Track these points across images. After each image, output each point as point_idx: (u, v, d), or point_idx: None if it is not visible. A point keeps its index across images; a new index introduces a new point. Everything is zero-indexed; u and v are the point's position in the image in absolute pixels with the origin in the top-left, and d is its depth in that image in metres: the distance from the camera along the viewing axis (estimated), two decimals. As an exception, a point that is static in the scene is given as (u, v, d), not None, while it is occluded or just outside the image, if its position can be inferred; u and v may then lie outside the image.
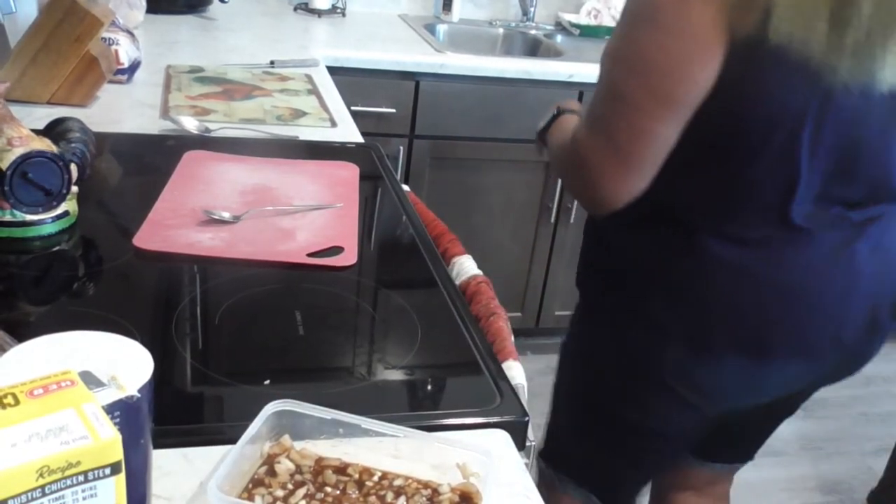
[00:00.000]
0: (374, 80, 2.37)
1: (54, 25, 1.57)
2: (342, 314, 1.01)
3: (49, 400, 0.46)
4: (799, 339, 1.16)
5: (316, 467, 0.71)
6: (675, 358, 1.17)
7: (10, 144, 1.04)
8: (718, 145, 1.07)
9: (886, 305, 1.20)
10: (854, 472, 2.57)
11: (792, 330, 1.14)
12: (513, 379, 0.90)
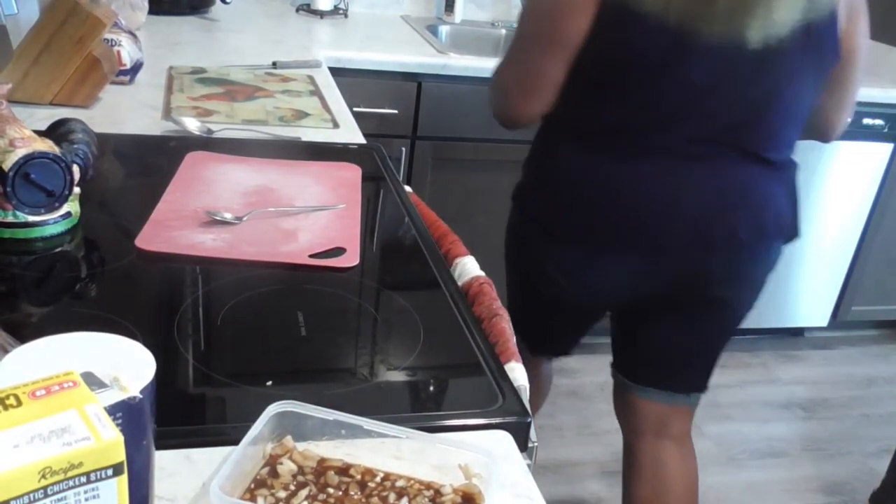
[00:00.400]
0: (376, 82, 2.37)
1: (56, 27, 1.57)
2: (344, 315, 1.01)
3: (51, 401, 0.46)
4: (623, 239, 1.44)
5: (318, 468, 0.71)
6: (538, 243, 1.54)
7: (12, 145, 1.04)
8: (593, 80, 1.38)
9: (717, 230, 1.43)
10: (856, 474, 2.56)
11: (618, 230, 1.43)
12: (515, 380, 0.90)
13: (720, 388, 2.93)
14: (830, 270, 3.08)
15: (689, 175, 1.40)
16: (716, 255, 1.46)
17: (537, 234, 1.53)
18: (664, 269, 1.48)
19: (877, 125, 2.80)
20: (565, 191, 1.47)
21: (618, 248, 1.45)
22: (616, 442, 2.57)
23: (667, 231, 1.42)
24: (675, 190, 1.40)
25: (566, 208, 1.47)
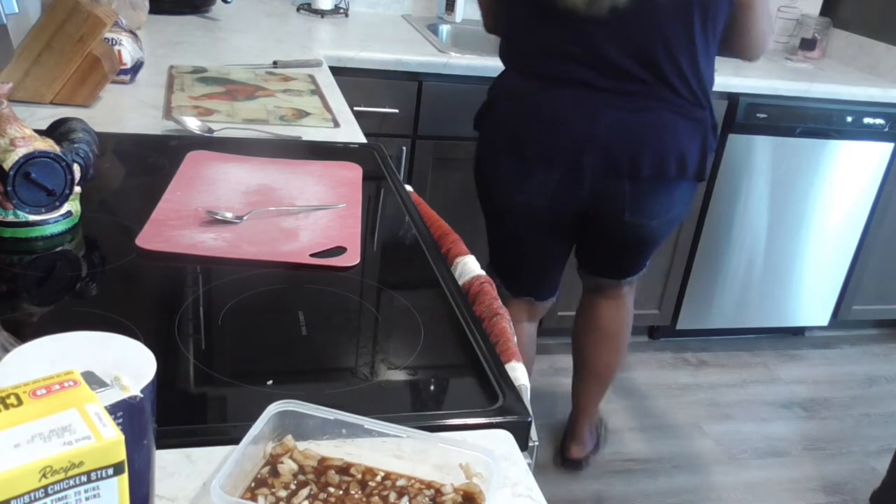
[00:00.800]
0: (376, 81, 2.37)
1: (57, 26, 1.57)
2: (345, 314, 1.01)
3: (52, 400, 0.46)
4: (548, 154, 1.74)
5: (319, 467, 0.71)
6: (482, 157, 1.87)
7: (13, 145, 1.04)
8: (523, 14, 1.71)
9: (623, 163, 1.71)
10: (857, 473, 2.56)
11: (540, 145, 1.74)
12: (516, 380, 0.90)
13: (720, 387, 2.93)
14: (831, 270, 3.08)
15: (605, 107, 1.68)
16: (623, 182, 1.75)
17: (487, 149, 1.87)
18: (583, 187, 1.77)
19: (877, 124, 2.80)
20: (504, 108, 1.80)
21: (544, 162, 1.75)
22: (615, 441, 2.57)
23: (582, 152, 1.71)
24: (591, 118, 1.69)
25: (504, 123, 1.79)
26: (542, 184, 1.79)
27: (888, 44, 2.94)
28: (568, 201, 1.82)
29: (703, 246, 2.89)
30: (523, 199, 1.84)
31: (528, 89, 1.75)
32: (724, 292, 3.00)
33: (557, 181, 1.77)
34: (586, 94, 1.69)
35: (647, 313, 3.00)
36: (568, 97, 1.70)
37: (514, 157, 1.78)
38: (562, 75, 1.69)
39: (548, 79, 1.71)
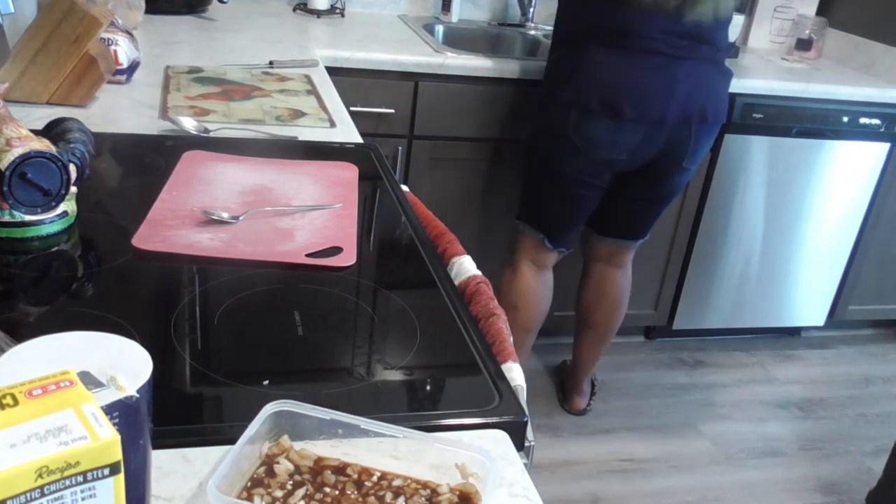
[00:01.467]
0: (373, 81, 2.37)
1: (53, 26, 1.57)
2: (341, 315, 1.01)
3: (48, 400, 0.46)
4: (639, 112, 2.05)
5: (315, 467, 0.71)
6: (571, 121, 2.10)
7: (9, 145, 1.04)
8: None
9: (696, 113, 2.10)
10: (853, 473, 2.57)
11: (635, 105, 2.04)
12: (512, 380, 0.90)
13: (717, 387, 2.94)
14: (827, 270, 3.08)
15: (677, 69, 2.04)
16: (690, 129, 2.11)
17: (574, 114, 2.09)
18: (661, 136, 2.10)
19: (873, 124, 2.81)
20: (596, 78, 2.05)
21: (635, 119, 2.05)
22: (614, 441, 2.58)
23: (665, 108, 2.05)
24: (669, 79, 2.04)
25: (597, 89, 2.05)
26: (629, 139, 2.09)
27: (884, 44, 2.94)
28: (644, 153, 2.13)
29: (699, 246, 2.89)
30: (607, 154, 2.12)
31: (615, 60, 2.04)
32: (720, 292, 3.01)
33: (643, 135, 2.09)
34: (664, 60, 2.02)
35: (644, 313, 3.00)
36: (651, 64, 2.03)
37: (608, 118, 2.06)
38: (643, 46, 2.01)
39: (632, 49, 2.02)
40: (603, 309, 2.53)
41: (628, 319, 3.02)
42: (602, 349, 2.62)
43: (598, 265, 2.49)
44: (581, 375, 2.66)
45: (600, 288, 2.50)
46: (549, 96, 2.17)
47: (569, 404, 2.69)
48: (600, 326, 2.55)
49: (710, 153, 2.64)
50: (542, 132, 2.23)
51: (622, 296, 2.52)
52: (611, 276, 2.49)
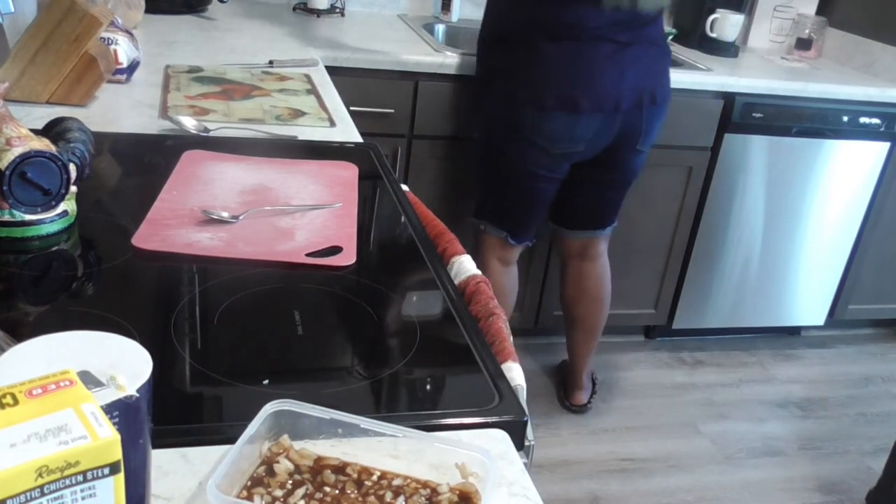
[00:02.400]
0: (373, 80, 2.37)
1: (53, 25, 1.57)
2: (341, 314, 1.01)
3: (48, 400, 0.46)
4: (594, 102, 2.07)
5: (315, 467, 0.71)
6: (528, 118, 2.11)
7: (8, 144, 1.04)
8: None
9: (647, 96, 2.12)
10: (853, 473, 2.57)
11: (590, 96, 2.06)
12: (512, 380, 0.90)
13: (717, 386, 2.94)
14: (827, 269, 3.08)
15: (625, 55, 2.06)
16: (643, 113, 2.15)
17: (529, 111, 2.10)
18: (616, 123, 2.13)
19: (873, 124, 2.81)
20: (551, 72, 2.06)
21: (591, 110, 2.08)
22: (614, 441, 2.58)
23: (618, 95, 2.08)
24: (619, 66, 2.07)
25: (555, 85, 2.06)
26: (586, 130, 2.11)
27: (884, 43, 2.94)
28: (601, 141, 2.15)
29: (699, 246, 2.89)
30: (566, 147, 2.15)
31: (566, 53, 2.05)
32: (720, 292, 3.01)
33: (599, 124, 2.11)
34: (612, 47, 2.05)
35: (643, 313, 3.00)
36: (600, 53, 2.05)
37: (565, 112, 2.07)
38: (591, 36, 2.03)
39: (581, 40, 2.04)
40: (584, 304, 2.55)
41: (628, 319, 3.02)
42: (593, 342, 2.63)
43: (572, 261, 2.52)
44: (578, 370, 2.68)
45: (578, 284, 2.53)
46: (499, 94, 2.16)
47: (570, 399, 2.70)
48: (585, 321, 2.58)
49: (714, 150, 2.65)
50: (496, 130, 2.22)
51: (601, 288, 2.54)
52: (587, 271, 2.51)
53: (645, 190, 2.73)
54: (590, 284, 2.52)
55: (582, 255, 2.49)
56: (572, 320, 2.61)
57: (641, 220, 2.79)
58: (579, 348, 2.65)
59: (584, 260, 2.50)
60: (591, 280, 2.52)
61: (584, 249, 2.48)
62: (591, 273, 2.51)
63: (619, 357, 3.04)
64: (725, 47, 2.93)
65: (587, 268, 2.51)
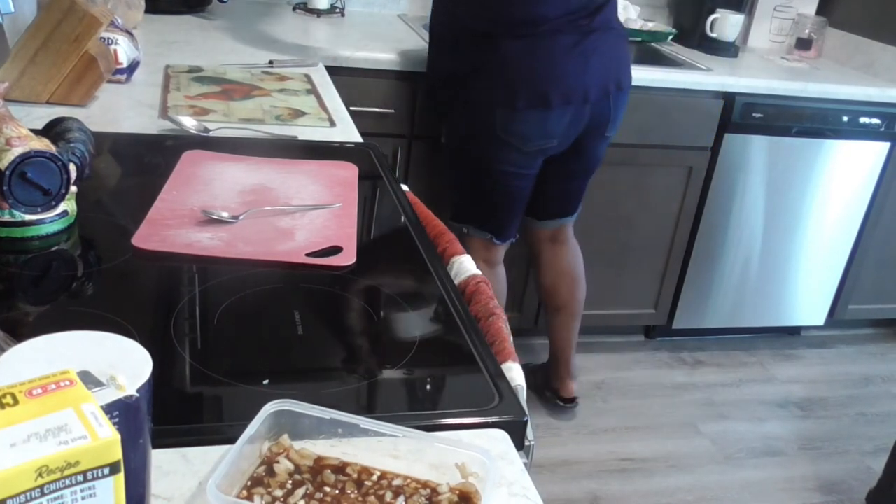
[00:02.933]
0: (373, 80, 2.37)
1: (53, 25, 1.57)
2: (341, 314, 1.01)
3: (48, 400, 0.46)
4: (564, 96, 2.05)
5: (315, 467, 0.71)
6: (499, 119, 2.08)
7: (8, 144, 1.04)
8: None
9: (612, 83, 2.12)
10: (853, 473, 2.57)
11: (559, 91, 2.04)
12: (512, 380, 0.90)
13: (716, 386, 2.94)
14: (827, 269, 3.08)
15: (587, 44, 2.04)
16: (609, 101, 2.14)
17: (500, 111, 2.07)
18: (586, 114, 2.12)
19: (873, 124, 2.81)
20: (517, 70, 2.03)
21: (562, 104, 2.06)
22: (614, 441, 2.58)
23: (586, 86, 2.07)
24: (583, 56, 2.04)
25: (522, 83, 2.03)
26: (558, 124, 2.10)
27: (884, 43, 2.94)
28: (573, 133, 2.14)
29: (699, 245, 2.89)
30: (540, 144, 2.13)
31: (529, 49, 2.02)
32: (720, 292, 3.01)
33: (570, 117, 2.09)
34: (573, 38, 2.02)
35: (643, 313, 3.00)
36: (563, 45, 2.02)
37: (536, 110, 2.05)
38: (551, 28, 2.00)
39: (542, 36, 2.01)
40: (565, 285, 2.55)
41: (628, 319, 3.02)
42: (576, 326, 2.62)
43: (544, 247, 2.52)
44: (566, 358, 2.65)
45: (554, 266, 2.54)
46: (467, 97, 2.13)
47: (563, 391, 2.65)
48: (569, 304, 2.58)
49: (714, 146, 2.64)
50: (467, 134, 2.19)
51: (576, 266, 2.55)
52: (559, 253, 2.52)
53: (645, 190, 2.73)
54: (565, 264, 2.54)
55: (552, 240, 2.51)
56: (555, 307, 2.60)
57: (641, 220, 2.79)
58: (565, 334, 2.62)
59: (555, 244, 2.51)
60: (566, 259, 2.54)
61: (555, 235, 2.50)
62: (564, 254, 2.53)
63: (619, 357, 3.04)
64: (725, 47, 2.93)
65: (559, 250, 2.52)
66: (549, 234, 2.49)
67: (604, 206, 2.71)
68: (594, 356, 2.99)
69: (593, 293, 2.82)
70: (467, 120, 2.16)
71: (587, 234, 2.70)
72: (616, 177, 2.66)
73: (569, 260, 2.54)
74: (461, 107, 2.16)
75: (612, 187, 2.68)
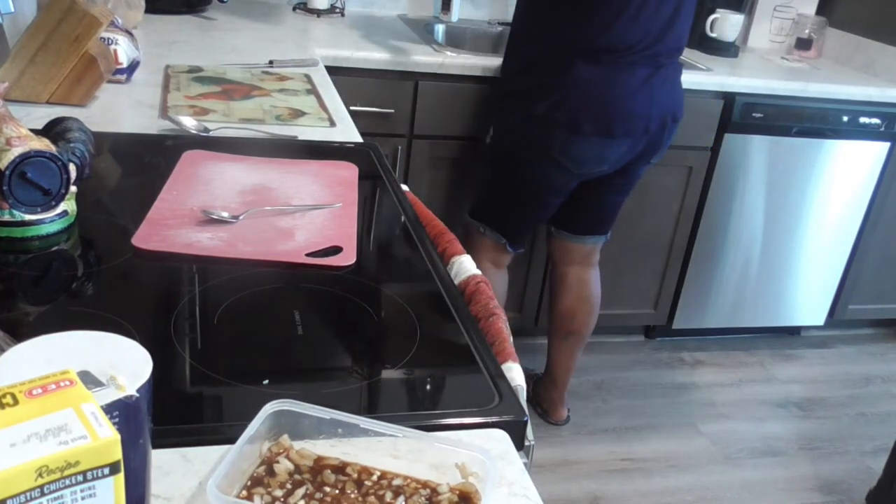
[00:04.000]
0: (372, 80, 2.37)
1: (53, 25, 1.57)
2: (341, 314, 1.01)
3: (48, 400, 0.46)
4: (627, 127, 2.08)
5: (315, 467, 0.71)
6: (558, 139, 2.08)
7: (8, 144, 1.04)
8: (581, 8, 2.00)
9: (669, 116, 2.15)
10: (853, 473, 2.57)
11: (625, 122, 2.07)
12: (512, 380, 0.90)
13: (717, 386, 2.94)
14: (827, 269, 3.08)
15: (656, 79, 2.07)
16: (666, 131, 2.17)
17: (561, 132, 2.07)
18: (642, 144, 2.14)
19: (873, 124, 2.81)
20: (586, 96, 2.04)
21: (624, 134, 2.08)
22: (614, 441, 2.58)
23: (648, 119, 2.09)
24: (650, 90, 2.07)
25: (589, 108, 2.04)
26: (614, 153, 2.12)
27: (884, 43, 2.94)
28: (624, 160, 2.17)
29: (699, 245, 2.89)
30: (592, 169, 2.16)
31: (603, 77, 2.03)
32: (720, 292, 3.01)
33: (628, 146, 2.12)
34: (647, 72, 2.05)
35: (644, 313, 3.00)
36: (636, 78, 2.05)
37: (599, 136, 2.06)
38: (631, 59, 2.02)
39: (618, 65, 2.03)
40: (584, 313, 2.51)
41: (628, 319, 3.03)
42: (580, 352, 2.59)
43: (573, 269, 2.47)
44: (563, 384, 2.62)
45: (580, 293, 2.49)
46: (527, 110, 2.11)
47: (553, 416, 2.64)
48: (581, 330, 2.53)
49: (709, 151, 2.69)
50: (519, 146, 2.19)
51: (598, 296, 2.52)
52: (586, 279, 2.48)
53: (645, 190, 2.73)
54: (589, 292, 2.49)
55: (583, 262, 2.46)
56: (568, 331, 2.54)
57: (641, 220, 2.79)
58: (569, 359, 2.59)
59: (584, 267, 2.47)
60: (591, 287, 2.49)
61: (586, 256, 2.46)
62: (589, 280, 2.49)
63: (619, 357, 3.04)
64: (725, 47, 2.93)
65: (586, 275, 2.48)
66: (582, 254, 2.45)
67: (604, 206, 2.71)
68: (594, 356, 2.99)
69: (593, 293, 2.83)
70: (524, 132, 2.15)
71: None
72: (616, 177, 2.66)
73: (594, 287, 2.50)
74: (519, 118, 2.15)
75: (612, 187, 2.68)
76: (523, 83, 2.13)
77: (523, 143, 2.17)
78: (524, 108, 2.12)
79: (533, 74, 2.10)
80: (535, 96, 2.09)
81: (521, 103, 2.13)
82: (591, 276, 2.49)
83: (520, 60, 2.17)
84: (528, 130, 2.14)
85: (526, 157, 2.17)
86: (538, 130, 2.11)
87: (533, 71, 2.11)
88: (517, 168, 2.21)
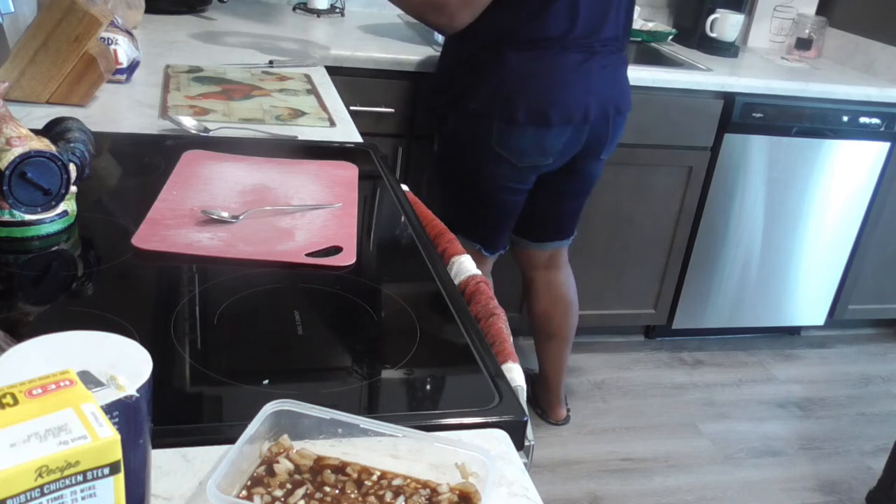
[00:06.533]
0: (372, 80, 2.37)
1: (53, 25, 1.57)
2: (341, 314, 1.01)
3: (48, 400, 0.46)
4: (564, 114, 2.01)
5: (315, 467, 0.71)
6: (496, 131, 2.03)
7: (8, 144, 1.04)
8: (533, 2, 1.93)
9: (612, 107, 2.09)
10: (853, 472, 2.57)
11: (560, 108, 2.00)
12: (512, 381, 0.90)
13: (717, 386, 2.94)
14: (827, 269, 3.08)
15: (591, 65, 2.02)
16: (608, 124, 2.11)
17: (497, 124, 2.02)
18: (584, 134, 2.09)
19: (873, 124, 2.81)
20: (519, 85, 1.99)
21: (562, 123, 2.03)
22: (614, 441, 2.58)
23: (586, 107, 2.04)
24: (586, 76, 2.02)
25: (523, 97, 1.99)
26: (555, 143, 2.07)
27: (884, 43, 2.94)
28: (568, 153, 2.12)
29: (699, 245, 2.89)
30: (535, 160, 2.10)
31: (534, 64, 1.98)
32: (720, 292, 3.01)
33: (568, 136, 2.07)
34: (580, 58, 2.00)
35: (643, 313, 3.00)
36: (569, 63, 2.00)
37: (536, 125, 2.02)
38: (564, 46, 1.98)
39: (550, 51, 1.98)
40: (559, 312, 2.51)
41: (628, 319, 3.02)
42: (568, 351, 2.60)
43: (539, 273, 2.48)
44: (557, 385, 2.64)
45: (550, 294, 2.49)
46: (464, 108, 2.07)
47: (552, 416, 2.65)
48: (562, 330, 2.54)
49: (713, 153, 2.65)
50: (461, 144, 2.14)
51: (572, 294, 2.52)
52: (555, 281, 2.48)
53: (645, 190, 2.73)
54: (561, 291, 2.50)
55: (548, 265, 2.46)
56: (549, 334, 2.56)
57: (641, 220, 2.79)
58: (557, 361, 2.60)
59: (550, 270, 2.47)
60: (562, 287, 2.49)
61: (550, 260, 2.45)
62: (559, 281, 2.48)
63: (619, 357, 3.04)
64: (725, 47, 2.93)
65: (554, 276, 2.48)
66: (545, 260, 2.45)
67: (604, 206, 2.71)
68: (594, 356, 2.99)
69: (593, 293, 2.83)
70: (463, 129, 2.11)
71: (587, 234, 2.70)
72: (616, 177, 2.66)
73: (564, 286, 2.50)
74: (458, 116, 2.11)
75: (612, 187, 2.68)
76: (459, 83, 2.09)
77: (466, 142, 2.12)
78: (461, 107, 2.08)
79: (466, 72, 2.06)
80: (469, 93, 2.05)
81: (457, 103, 2.09)
82: (559, 278, 2.48)
83: (452, 60, 2.13)
84: (467, 128, 2.10)
85: (471, 155, 2.13)
86: (476, 126, 2.07)
87: (466, 69, 2.06)
88: (466, 169, 2.17)
